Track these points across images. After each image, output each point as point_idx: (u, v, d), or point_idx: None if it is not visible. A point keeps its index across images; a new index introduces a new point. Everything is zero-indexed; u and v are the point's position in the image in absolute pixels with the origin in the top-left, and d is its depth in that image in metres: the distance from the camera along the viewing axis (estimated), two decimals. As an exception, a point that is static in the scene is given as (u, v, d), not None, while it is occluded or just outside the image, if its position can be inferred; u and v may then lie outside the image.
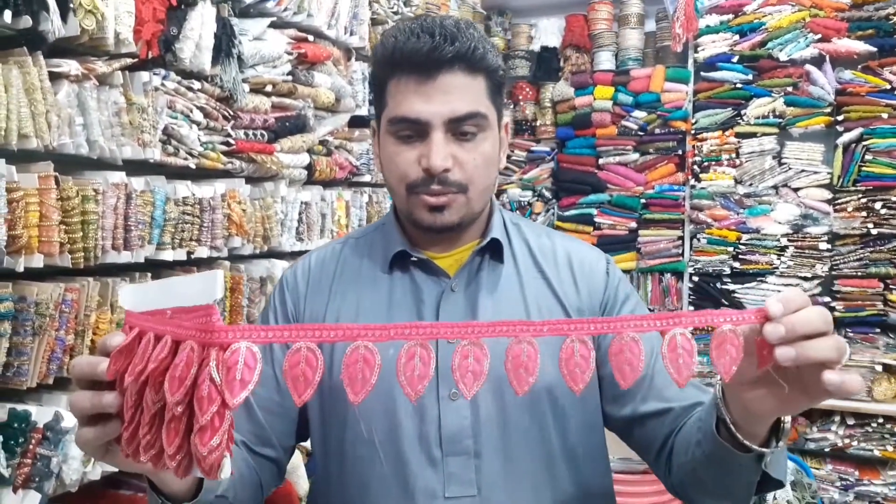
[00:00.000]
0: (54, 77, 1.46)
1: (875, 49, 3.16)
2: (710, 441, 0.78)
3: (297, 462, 2.09)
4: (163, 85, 1.76)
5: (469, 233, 1.00)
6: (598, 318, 0.61)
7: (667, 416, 0.93)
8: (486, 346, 0.60)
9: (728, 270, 3.42)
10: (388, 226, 1.03)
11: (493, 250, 1.00)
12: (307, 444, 1.05)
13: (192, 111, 1.85)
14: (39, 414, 1.44)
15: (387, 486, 0.92)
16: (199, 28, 1.82)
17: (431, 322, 0.60)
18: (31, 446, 1.40)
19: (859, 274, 3.18)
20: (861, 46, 3.16)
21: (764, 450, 0.73)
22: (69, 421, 1.46)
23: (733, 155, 3.41)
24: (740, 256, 3.39)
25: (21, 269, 1.40)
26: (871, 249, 3.16)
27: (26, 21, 1.37)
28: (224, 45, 1.92)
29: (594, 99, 3.68)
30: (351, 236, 1.09)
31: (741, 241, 3.38)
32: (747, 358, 0.62)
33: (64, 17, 1.44)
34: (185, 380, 0.55)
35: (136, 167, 1.71)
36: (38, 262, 1.43)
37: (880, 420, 3.10)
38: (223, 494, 0.84)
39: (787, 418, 0.73)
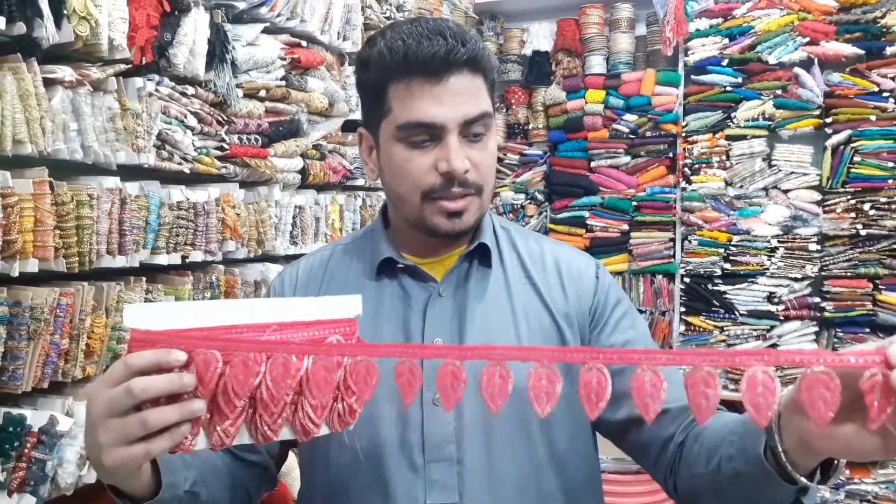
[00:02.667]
0: (49, 83, 1.47)
1: (863, 52, 3.19)
2: (751, 463, 0.74)
3: (292, 464, 2.10)
4: (157, 90, 1.76)
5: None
6: (670, 350, 0.58)
7: (664, 417, 0.91)
8: (557, 370, 0.60)
9: (719, 272, 3.44)
10: (376, 232, 1.02)
11: (482, 255, 0.99)
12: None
13: (186, 116, 1.86)
14: (34, 418, 1.44)
15: (368, 492, 0.91)
16: (193, 34, 1.83)
17: (508, 346, 0.63)
18: (26, 450, 1.41)
19: (849, 274, 3.21)
20: (849, 49, 3.19)
21: (811, 484, 0.69)
22: (64, 425, 1.46)
23: (724, 157, 3.44)
24: (731, 258, 3.42)
25: (16, 273, 1.41)
26: (861, 250, 3.19)
27: (20, 28, 1.38)
28: (218, 50, 1.93)
29: (586, 102, 3.70)
30: (339, 243, 1.08)
31: (732, 243, 3.41)
32: (847, 404, 0.56)
33: (58, 24, 1.45)
34: (330, 382, 0.66)
35: (130, 172, 1.71)
36: (32, 266, 1.43)
37: (871, 419, 3.13)
38: (193, 490, 0.84)
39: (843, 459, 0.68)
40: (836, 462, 0.69)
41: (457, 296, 0.97)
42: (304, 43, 2.40)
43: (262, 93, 2.18)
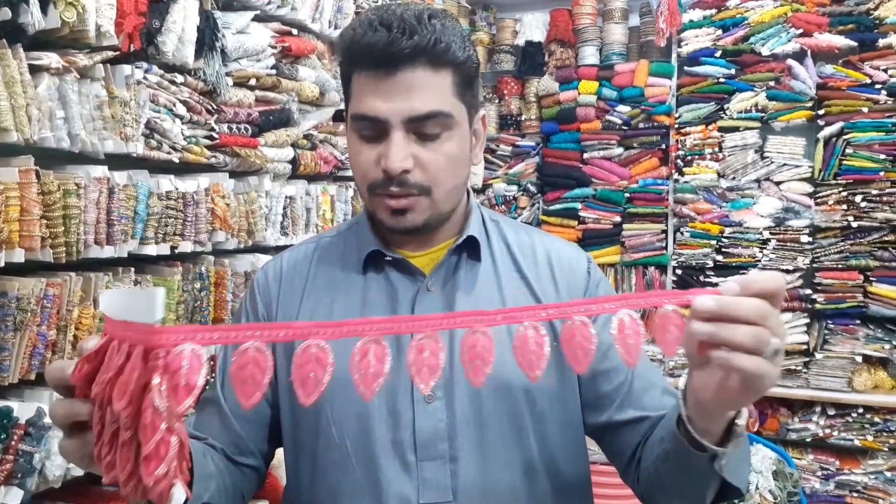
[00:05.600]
0: (34, 70, 1.45)
1: (855, 43, 3.20)
2: (670, 437, 0.78)
3: (281, 457, 2.09)
4: (145, 78, 1.74)
5: (444, 231, 0.97)
6: (550, 304, 0.64)
7: (642, 424, 0.92)
8: (441, 340, 0.59)
9: (711, 263, 3.45)
10: (361, 225, 1.00)
11: (471, 248, 0.97)
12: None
13: (175, 105, 1.83)
14: (21, 410, 1.43)
15: (359, 492, 0.89)
16: (182, 21, 1.80)
17: (384, 317, 0.58)
18: (13, 442, 1.39)
19: (840, 266, 3.22)
20: (842, 41, 3.19)
21: (717, 448, 0.72)
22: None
23: (716, 149, 3.44)
24: (723, 250, 3.42)
25: (1, 263, 1.39)
26: (852, 242, 3.20)
27: (6, 13, 1.35)
28: (207, 38, 1.90)
29: (579, 93, 3.69)
30: (324, 236, 1.06)
31: (724, 235, 3.42)
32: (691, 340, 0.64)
33: (44, 10, 1.42)
34: (128, 385, 0.52)
35: (118, 161, 1.69)
36: (19, 256, 1.41)
37: (860, 410, 3.15)
38: (210, 502, 0.83)
39: (742, 421, 0.71)
40: (735, 426, 0.72)
41: (445, 290, 0.94)
42: (294, 31, 2.38)
43: (253, 81, 2.16)
